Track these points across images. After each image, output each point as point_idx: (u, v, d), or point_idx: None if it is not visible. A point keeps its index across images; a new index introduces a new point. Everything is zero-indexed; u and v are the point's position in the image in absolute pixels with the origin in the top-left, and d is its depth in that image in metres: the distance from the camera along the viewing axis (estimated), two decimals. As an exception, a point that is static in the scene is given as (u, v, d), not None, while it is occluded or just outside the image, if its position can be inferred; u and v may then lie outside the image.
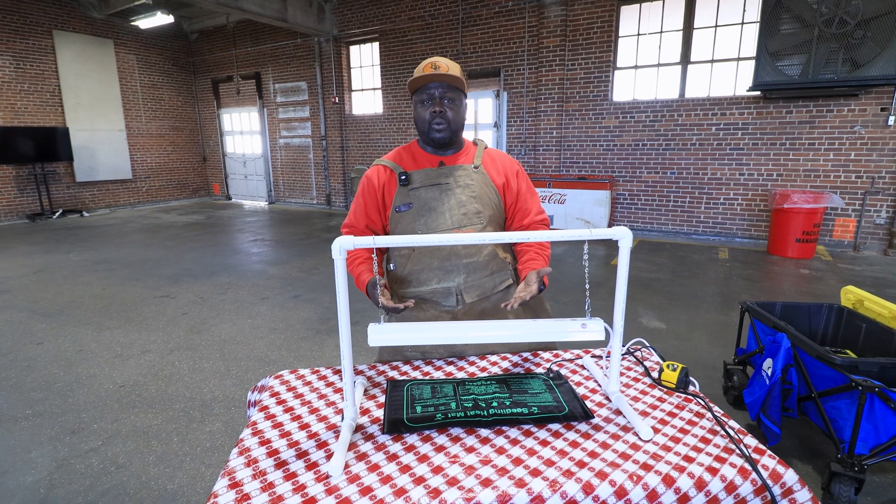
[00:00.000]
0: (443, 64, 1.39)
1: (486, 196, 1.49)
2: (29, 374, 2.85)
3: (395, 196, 1.48)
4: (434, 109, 1.41)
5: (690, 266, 5.19)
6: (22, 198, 8.69)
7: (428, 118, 1.42)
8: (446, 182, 1.47)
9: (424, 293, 1.49)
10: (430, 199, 1.46)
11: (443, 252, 1.46)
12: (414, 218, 1.46)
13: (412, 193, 1.47)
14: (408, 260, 1.48)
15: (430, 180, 1.48)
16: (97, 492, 1.88)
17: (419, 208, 1.46)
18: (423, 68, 1.40)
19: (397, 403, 1.17)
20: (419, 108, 1.44)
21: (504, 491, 0.88)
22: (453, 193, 1.47)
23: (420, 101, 1.43)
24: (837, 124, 5.59)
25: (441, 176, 1.48)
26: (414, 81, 1.41)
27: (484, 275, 1.50)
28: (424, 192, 1.47)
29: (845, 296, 2.30)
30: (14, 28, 8.32)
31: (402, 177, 1.46)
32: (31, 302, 4.15)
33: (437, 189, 1.47)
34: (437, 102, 1.41)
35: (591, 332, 1.09)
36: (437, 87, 1.41)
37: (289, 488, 0.89)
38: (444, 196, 1.46)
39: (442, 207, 1.46)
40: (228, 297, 4.26)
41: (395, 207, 1.47)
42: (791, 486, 0.95)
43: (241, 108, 11.03)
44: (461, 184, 1.48)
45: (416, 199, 1.46)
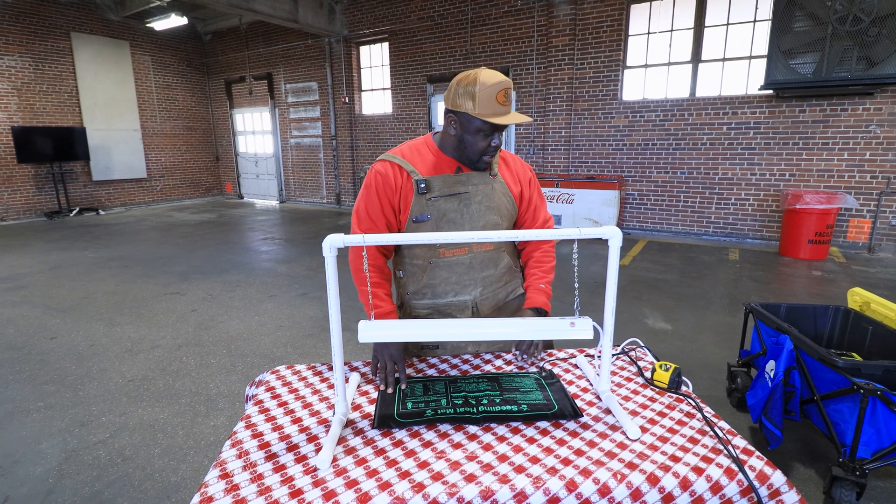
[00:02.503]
0: (511, 91, 1.31)
1: (503, 207, 1.45)
2: (42, 368, 2.93)
3: (413, 204, 1.38)
4: (495, 143, 1.35)
5: (699, 267, 5.14)
6: (40, 196, 8.89)
7: (483, 150, 1.35)
8: (465, 191, 1.40)
9: (440, 305, 1.47)
10: (450, 211, 1.39)
11: (461, 267, 1.43)
12: (432, 230, 1.39)
13: (430, 203, 1.38)
14: (424, 273, 1.45)
15: (449, 189, 1.39)
16: (103, 482, 1.93)
17: (438, 220, 1.39)
18: (496, 98, 1.26)
19: (389, 399, 1.19)
20: (476, 137, 1.32)
21: (487, 487, 0.89)
22: (471, 205, 1.41)
23: (481, 131, 1.31)
24: (852, 123, 5.49)
25: (459, 184, 1.40)
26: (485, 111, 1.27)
27: (498, 286, 1.50)
28: (444, 202, 1.39)
29: (852, 298, 2.26)
30: (33, 30, 8.51)
31: (420, 185, 1.36)
32: (47, 298, 4.25)
33: (456, 200, 1.40)
34: (498, 138, 1.35)
35: (580, 331, 1.09)
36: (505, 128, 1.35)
37: (277, 480, 0.91)
38: (463, 207, 1.40)
39: (461, 220, 1.40)
40: (237, 295, 4.32)
41: (412, 217, 1.39)
42: (778, 488, 0.95)
43: (254, 109, 11.16)
44: (480, 193, 1.42)
45: (434, 210, 1.38)
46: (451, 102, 1.32)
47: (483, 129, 1.31)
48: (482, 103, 1.26)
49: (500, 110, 1.28)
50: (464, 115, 1.31)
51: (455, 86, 1.30)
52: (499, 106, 1.28)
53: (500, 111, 1.28)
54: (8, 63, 8.27)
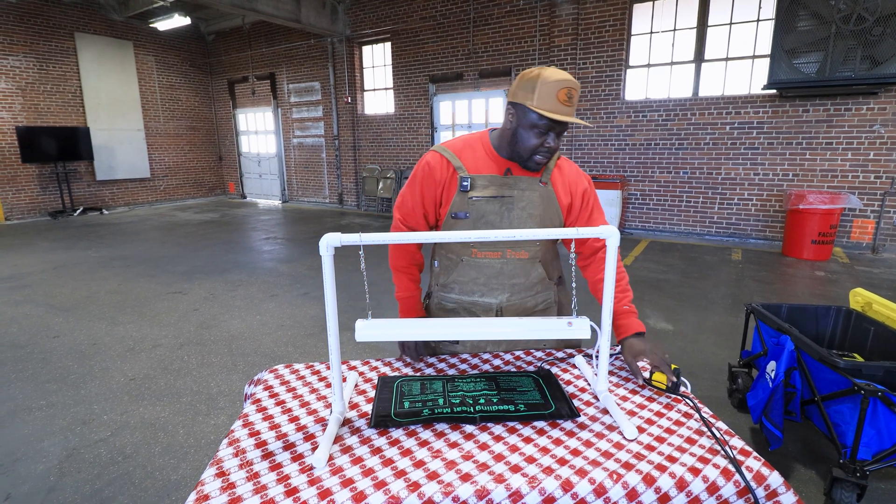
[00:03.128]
0: (576, 92, 1.24)
1: (547, 218, 1.38)
2: (45, 367, 2.94)
3: (454, 200, 1.36)
4: (550, 145, 1.28)
5: (702, 267, 5.13)
6: (44, 196, 8.94)
7: (537, 146, 1.29)
8: (509, 196, 1.35)
9: (465, 302, 1.46)
10: (489, 213, 1.35)
11: (491, 270, 1.41)
12: (469, 229, 1.36)
13: (470, 202, 1.35)
14: (455, 268, 1.44)
15: (495, 191, 1.35)
16: (104, 480, 1.94)
17: (475, 220, 1.36)
18: (557, 95, 1.21)
19: (386, 399, 1.19)
20: (530, 132, 1.27)
21: (483, 486, 0.89)
22: (513, 211, 1.36)
23: (536, 127, 1.26)
24: (856, 123, 5.46)
25: (505, 187, 1.35)
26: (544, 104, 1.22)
27: (528, 295, 1.46)
28: (485, 203, 1.35)
29: (854, 298, 2.25)
30: (37, 30, 8.56)
31: (463, 182, 1.34)
32: (50, 297, 4.27)
33: (498, 203, 1.35)
34: (554, 139, 1.28)
35: (577, 331, 1.09)
36: (563, 125, 1.27)
37: (273, 478, 0.91)
38: (503, 211, 1.35)
39: (500, 223, 1.36)
40: (239, 294, 4.33)
41: (451, 212, 1.36)
42: (775, 489, 0.94)
43: (256, 108, 11.19)
44: (524, 200, 1.36)
45: (473, 209, 1.35)
46: (512, 95, 1.29)
47: (538, 125, 1.25)
48: (542, 97, 1.21)
49: (560, 108, 1.22)
50: (521, 108, 1.27)
51: (519, 80, 1.27)
52: (559, 104, 1.22)
53: (560, 109, 1.22)
54: (12, 63, 8.32)
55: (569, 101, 1.22)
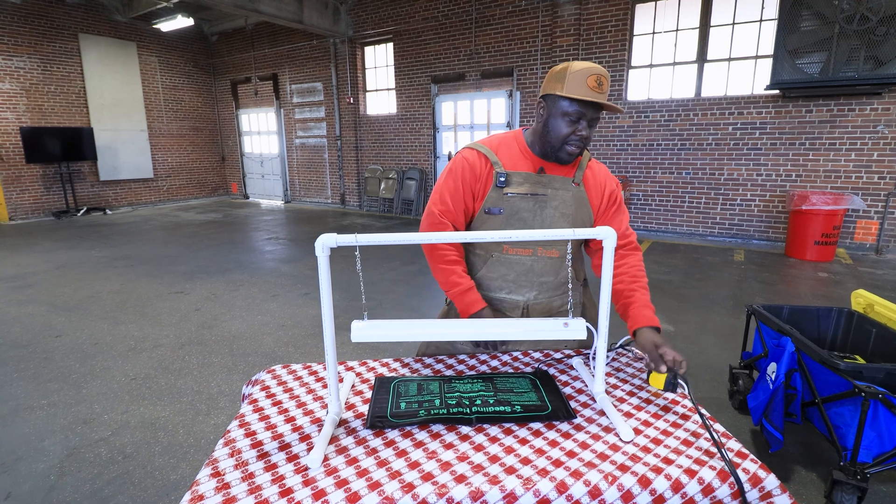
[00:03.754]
0: (606, 81, 1.25)
1: (579, 218, 1.39)
2: (46, 366, 2.95)
3: (489, 195, 1.37)
4: (581, 133, 1.28)
5: (704, 268, 5.11)
6: (48, 196, 8.99)
7: (568, 135, 1.29)
8: (543, 194, 1.36)
9: (492, 299, 1.46)
10: (523, 210, 1.36)
11: (521, 267, 1.42)
12: (501, 226, 1.37)
13: (506, 198, 1.36)
14: (483, 265, 1.45)
15: (529, 188, 1.36)
16: (104, 480, 1.94)
17: (509, 216, 1.37)
18: (587, 81, 1.23)
19: (382, 399, 1.19)
20: (562, 120, 1.28)
21: (477, 488, 0.88)
22: (546, 209, 1.37)
23: (567, 115, 1.26)
24: (859, 123, 5.43)
25: (539, 185, 1.37)
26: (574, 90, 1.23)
27: (555, 294, 1.46)
28: (519, 200, 1.36)
29: (855, 299, 2.24)
30: (41, 32, 8.61)
31: (500, 178, 1.35)
32: (52, 296, 4.29)
33: (532, 200, 1.36)
34: (585, 127, 1.28)
35: (573, 332, 1.09)
36: (593, 110, 1.26)
37: (268, 479, 0.91)
38: (537, 209, 1.36)
39: (533, 221, 1.37)
40: (240, 294, 4.34)
41: (485, 207, 1.37)
42: (770, 491, 0.94)
43: (259, 109, 11.21)
44: (557, 199, 1.37)
45: (508, 205, 1.36)
46: (543, 90, 1.32)
47: (569, 112, 1.26)
48: (571, 84, 1.23)
49: (590, 93, 1.23)
50: (551, 98, 1.29)
51: (549, 75, 1.31)
52: (589, 90, 1.23)
53: (590, 94, 1.23)
54: (17, 64, 8.37)
55: (599, 88, 1.23)
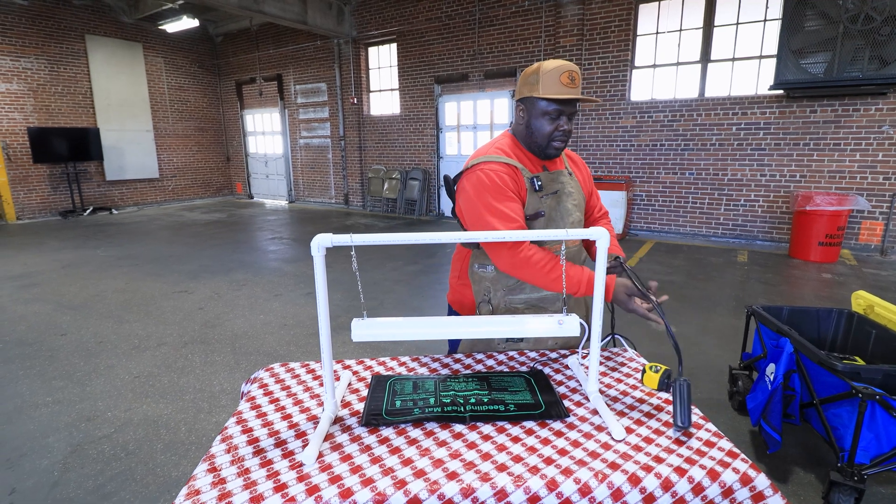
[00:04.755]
0: (578, 76, 1.31)
1: (581, 203, 1.48)
2: (51, 364, 2.99)
3: (528, 201, 1.38)
4: (564, 128, 1.34)
5: (707, 269, 5.09)
6: (55, 195, 9.07)
7: (552, 132, 1.35)
8: (558, 189, 1.42)
9: (534, 300, 1.47)
10: (551, 209, 1.41)
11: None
12: (543, 227, 1.38)
13: (543, 201, 1.39)
14: None
15: (551, 187, 1.41)
16: (106, 476, 1.97)
17: (548, 217, 1.40)
18: (560, 79, 1.28)
19: (378, 397, 1.20)
20: (543, 120, 1.33)
21: (469, 484, 0.90)
22: (562, 201, 1.42)
23: (547, 114, 1.32)
24: (864, 124, 5.40)
25: (553, 182, 1.42)
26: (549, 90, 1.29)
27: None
28: (550, 200, 1.40)
29: (856, 301, 2.23)
30: (48, 33, 8.69)
31: (536, 182, 1.38)
32: (58, 295, 4.34)
33: (554, 198, 1.41)
34: (565, 122, 1.34)
35: (567, 329, 1.10)
36: (570, 105, 1.33)
37: (263, 474, 0.93)
38: (559, 205, 1.41)
39: (557, 216, 1.41)
40: (243, 294, 4.37)
41: (526, 214, 1.38)
42: (762, 491, 0.94)
43: (264, 109, 11.27)
44: (566, 191, 1.43)
45: (546, 207, 1.40)
46: (518, 93, 1.37)
47: (548, 111, 1.32)
48: (546, 85, 1.29)
49: (565, 90, 1.29)
50: (529, 100, 1.34)
51: (522, 78, 1.36)
52: (563, 87, 1.29)
53: (565, 91, 1.29)
54: (24, 65, 8.45)
55: (572, 84, 1.30)
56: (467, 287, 1.52)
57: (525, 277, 1.35)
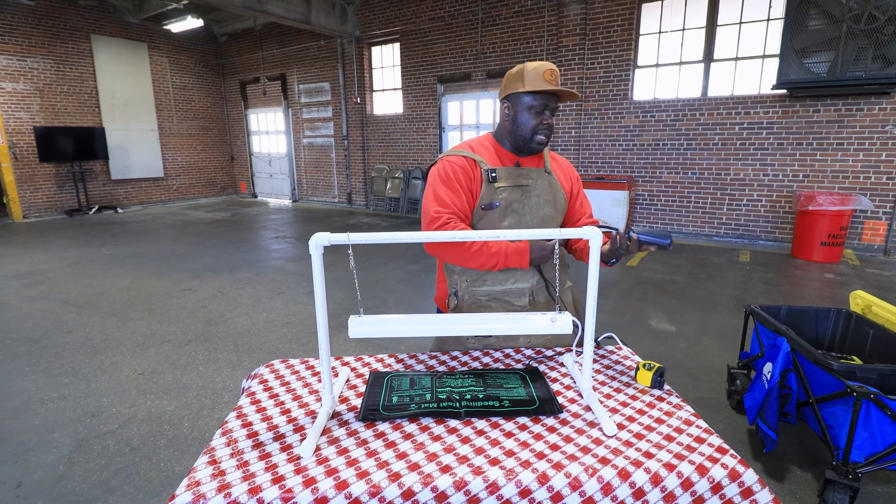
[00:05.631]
0: (558, 76, 1.41)
1: (557, 201, 1.53)
2: (57, 361, 3.03)
3: (483, 192, 1.45)
4: (547, 122, 1.42)
5: (708, 268, 5.09)
6: (61, 194, 9.15)
7: (536, 127, 1.42)
8: (526, 184, 1.48)
9: (497, 293, 1.51)
10: (514, 201, 1.46)
11: None
12: (499, 218, 1.46)
13: (499, 192, 1.45)
14: None
15: (515, 180, 1.47)
16: (111, 471, 2.00)
17: (504, 208, 1.46)
18: (543, 75, 1.38)
19: (375, 393, 1.22)
20: (528, 114, 1.42)
21: (461, 478, 0.92)
22: (531, 196, 1.48)
23: (532, 108, 1.41)
24: (868, 123, 5.38)
25: (521, 177, 1.48)
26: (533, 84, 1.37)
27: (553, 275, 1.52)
28: (510, 192, 1.46)
29: (854, 301, 2.24)
30: (55, 33, 8.76)
31: (491, 173, 1.45)
32: (64, 293, 4.39)
33: (519, 190, 1.47)
34: (548, 117, 1.42)
35: (560, 327, 1.12)
36: (554, 101, 1.42)
37: (261, 467, 0.95)
38: (525, 198, 1.47)
39: (523, 210, 1.47)
40: (246, 292, 4.41)
41: (480, 204, 1.46)
42: (750, 486, 0.96)
43: (267, 109, 11.32)
44: (538, 187, 1.49)
45: (502, 198, 1.46)
46: (503, 92, 1.46)
47: (534, 105, 1.41)
48: (530, 81, 1.39)
49: (549, 85, 1.38)
50: (514, 96, 1.43)
51: (506, 78, 1.46)
52: (547, 82, 1.38)
53: (549, 86, 1.38)
54: (31, 65, 8.53)
55: (554, 81, 1.40)
56: (444, 282, 1.60)
57: (448, 256, 1.44)
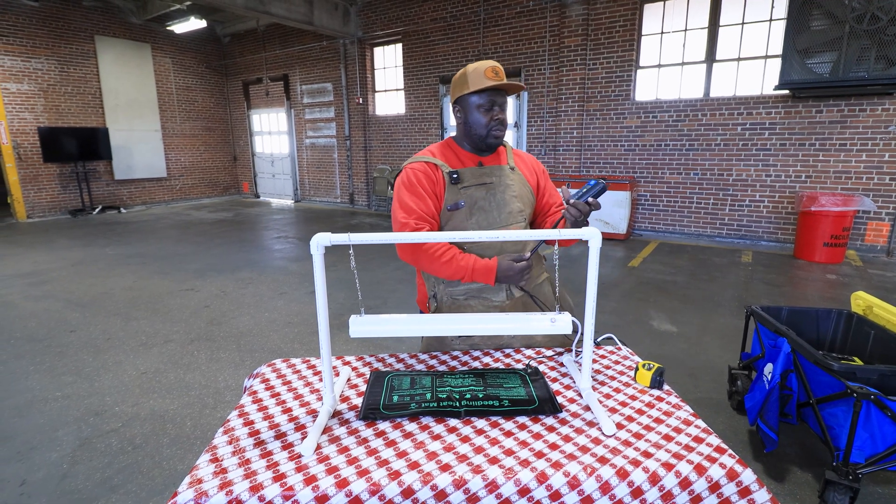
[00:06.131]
0: (501, 70, 1.45)
1: (524, 195, 1.57)
2: (61, 360, 3.05)
3: (447, 194, 1.50)
4: (498, 117, 1.47)
5: (710, 269, 5.09)
6: (65, 194, 9.19)
7: (486, 122, 1.47)
8: (490, 181, 1.52)
9: (474, 290, 1.54)
10: (480, 199, 1.51)
11: (493, 249, 1.51)
12: (466, 217, 1.50)
13: (463, 192, 1.50)
14: None
15: (478, 179, 1.52)
16: (114, 469, 2.02)
17: (470, 207, 1.50)
18: (485, 73, 1.43)
19: (376, 392, 1.23)
20: (478, 113, 1.47)
21: (461, 476, 0.93)
22: (496, 193, 1.52)
23: (480, 106, 1.46)
24: (870, 124, 5.37)
25: (485, 175, 1.53)
26: (476, 83, 1.42)
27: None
28: (474, 191, 1.51)
29: (855, 301, 2.24)
30: (59, 34, 8.81)
31: (453, 175, 1.49)
32: (68, 292, 4.41)
33: (484, 189, 1.51)
34: (498, 111, 1.47)
35: (559, 327, 1.13)
36: (500, 95, 1.46)
37: (263, 465, 0.96)
38: (490, 195, 1.52)
39: (490, 206, 1.51)
40: (249, 292, 4.42)
41: (446, 206, 1.50)
42: (748, 486, 0.97)
43: (270, 109, 11.35)
44: (503, 183, 1.54)
45: (467, 197, 1.50)
46: (452, 97, 1.53)
47: (482, 103, 1.45)
48: (474, 82, 1.44)
49: (492, 81, 1.42)
50: (462, 99, 1.49)
51: (452, 85, 1.53)
52: (488, 80, 1.42)
53: (492, 81, 1.42)
54: (35, 66, 8.57)
55: (496, 76, 1.44)
56: (423, 285, 1.63)
57: (420, 264, 1.47)
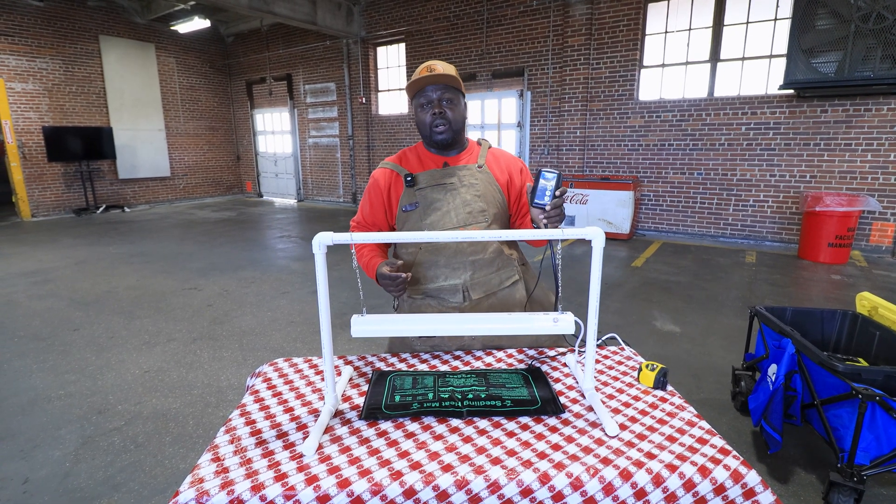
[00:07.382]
0: (438, 67, 1.43)
1: (490, 194, 1.54)
2: (64, 358, 3.06)
3: (402, 197, 1.53)
4: (434, 111, 1.46)
5: (714, 269, 5.07)
6: (69, 193, 9.23)
7: (429, 121, 1.47)
8: (451, 182, 1.52)
9: (431, 290, 1.54)
10: (435, 200, 1.51)
11: (448, 250, 1.51)
12: (420, 217, 1.51)
13: (418, 194, 1.52)
14: (414, 258, 1.54)
15: (435, 181, 1.52)
16: (116, 467, 2.02)
17: (425, 208, 1.51)
18: (418, 72, 1.45)
19: (378, 392, 1.23)
20: (419, 112, 1.49)
21: (463, 476, 0.92)
22: (458, 193, 1.51)
23: (420, 106, 1.48)
24: (876, 124, 5.33)
25: (445, 176, 1.53)
26: (411, 86, 1.46)
27: (490, 271, 1.54)
28: (430, 192, 1.52)
29: (860, 302, 2.22)
30: (63, 34, 8.85)
31: (407, 178, 1.52)
32: (72, 291, 4.43)
33: (441, 189, 1.52)
34: (436, 104, 1.46)
35: (562, 326, 1.12)
36: (434, 90, 1.45)
37: (264, 464, 0.96)
38: (448, 196, 1.51)
39: (447, 207, 1.50)
40: (251, 291, 4.43)
41: (401, 207, 1.53)
42: (753, 487, 0.96)
43: (273, 109, 11.37)
44: (465, 183, 1.52)
45: (421, 199, 1.52)
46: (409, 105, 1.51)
47: (421, 102, 1.48)
48: (411, 84, 1.46)
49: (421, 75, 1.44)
50: (411, 105, 1.55)
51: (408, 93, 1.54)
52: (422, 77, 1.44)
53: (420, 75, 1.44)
54: (40, 65, 8.61)
55: (429, 71, 1.44)
56: None
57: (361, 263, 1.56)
